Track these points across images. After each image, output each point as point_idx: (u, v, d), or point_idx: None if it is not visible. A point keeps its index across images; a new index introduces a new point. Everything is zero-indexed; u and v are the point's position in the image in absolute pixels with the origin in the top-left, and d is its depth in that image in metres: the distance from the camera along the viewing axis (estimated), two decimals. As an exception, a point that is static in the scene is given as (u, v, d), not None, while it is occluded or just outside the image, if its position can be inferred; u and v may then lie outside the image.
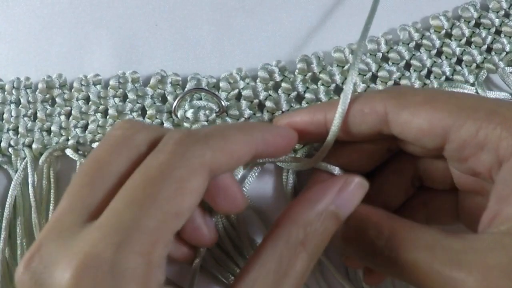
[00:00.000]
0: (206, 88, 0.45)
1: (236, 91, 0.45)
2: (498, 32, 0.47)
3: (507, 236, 0.29)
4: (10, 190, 0.44)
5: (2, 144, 0.45)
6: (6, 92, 0.46)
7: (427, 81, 0.45)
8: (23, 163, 0.45)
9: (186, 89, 0.45)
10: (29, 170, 0.44)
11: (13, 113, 0.46)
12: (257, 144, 0.34)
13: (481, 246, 0.29)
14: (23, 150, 0.45)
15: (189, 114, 0.43)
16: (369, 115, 0.35)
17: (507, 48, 0.46)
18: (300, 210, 0.33)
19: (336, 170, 0.39)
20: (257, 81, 0.45)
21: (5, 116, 0.46)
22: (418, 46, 0.46)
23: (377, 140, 0.38)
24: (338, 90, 0.45)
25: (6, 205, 0.43)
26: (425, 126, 0.33)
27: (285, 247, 0.32)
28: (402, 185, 0.40)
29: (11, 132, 0.46)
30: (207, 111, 0.44)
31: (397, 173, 0.40)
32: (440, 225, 0.40)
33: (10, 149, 0.46)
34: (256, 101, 0.45)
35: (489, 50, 0.46)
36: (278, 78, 0.45)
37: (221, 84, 0.45)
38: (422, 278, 0.31)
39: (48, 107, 0.46)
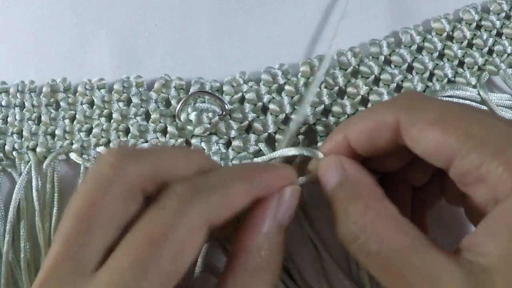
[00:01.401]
0: (209, 91, 0.45)
1: (240, 94, 0.45)
2: (499, 34, 0.47)
3: (480, 273, 0.30)
4: (14, 193, 0.44)
5: (6, 147, 0.46)
6: (10, 96, 0.47)
7: (429, 84, 0.45)
8: (27, 166, 0.45)
9: (189, 93, 0.45)
10: (33, 174, 0.44)
11: (17, 117, 0.46)
12: (257, 191, 0.35)
13: (450, 274, 0.30)
14: (27, 153, 0.45)
15: (192, 116, 0.44)
16: (383, 129, 0.35)
17: (509, 50, 0.46)
18: (249, 237, 0.34)
19: (319, 154, 0.39)
20: (261, 84, 0.45)
21: (9, 119, 0.46)
22: (420, 49, 0.46)
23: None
24: (341, 93, 0.45)
25: (10, 208, 0.44)
26: (432, 148, 0.33)
27: (246, 275, 0.33)
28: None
29: (15, 136, 0.46)
30: (210, 114, 0.44)
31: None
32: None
33: (14, 153, 0.46)
34: (259, 104, 0.45)
35: (490, 52, 0.47)
36: (281, 81, 0.45)
37: (224, 88, 0.45)
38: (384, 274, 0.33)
39: (52, 111, 0.46)
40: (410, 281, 0.31)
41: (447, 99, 0.44)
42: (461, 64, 0.46)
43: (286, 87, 0.45)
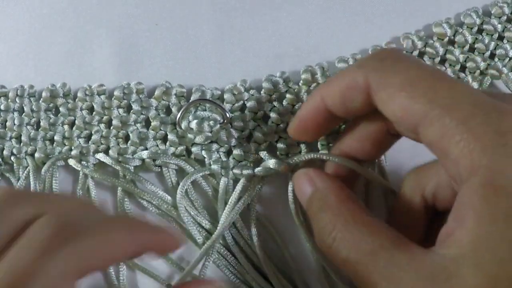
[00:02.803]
0: (210, 99, 0.45)
1: (241, 102, 0.45)
2: (501, 38, 0.47)
3: (450, 267, 0.28)
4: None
5: (5, 152, 0.45)
6: (9, 100, 0.46)
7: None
8: (25, 172, 0.45)
9: (190, 100, 0.45)
10: (31, 179, 0.44)
11: (16, 121, 0.46)
12: (144, 244, 0.33)
13: (415, 274, 0.30)
14: (25, 159, 0.45)
15: (193, 125, 0.43)
16: (355, 90, 0.35)
17: (511, 54, 0.46)
18: None
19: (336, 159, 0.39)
20: (262, 92, 0.45)
21: (8, 124, 0.46)
22: (421, 54, 0.46)
23: (372, 122, 0.38)
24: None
25: (8, 213, 0.43)
26: (399, 113, 0.32)
27: None
28: None
29: (13, 141, 0.46)
30: (211, 122, 0.43)
31: None
32: None
33: (12, 158, 0.45)
34: (260, 112, 0.45)
35: (492, 56, 0.46)
36: (282, 89, 0.45)
37: (225, 96, 0.45)
38: (356, 279, 0.33)
39: (51, 116, 0.46)
40: (377, 284, 0.31)
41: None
42: (463, 68, 0.46)
43: (288, 95, 0.45)
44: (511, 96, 0.36)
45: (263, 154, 0.43)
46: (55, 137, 0.45)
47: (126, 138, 0.45)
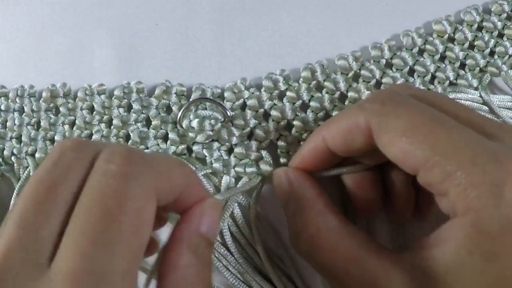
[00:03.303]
0: (211, 98, 0.45)
1: (241, 100, 0.45)
2: (500, 35, 0.47)
3: (423, 277, 0.31)
4: (13, 199, 0.44)
5: (5, 152, 0.45)
6: (9, 100, 0.46)
7: (431, 86, 0.45)
8: (26, 172, 0.45)
9: (191, 99, 0.45)
10: (32, 179, 0.44)
11: (16, 121, 0.46)
12: (189, 181, 0.34)
13: (389, 280, 0.32)
14: (26, 159, 0.45)
15: (194, 124, 0.43)
16: (356, 132, 0.35)
17: (510, 51, 0.46)
18: (176, 254, 0.33)
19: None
20: (262, 90, 0.45)
21: (8, 124, 0.46)
22: (421, 52, 0.46)
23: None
24: (343, 98, 0.45)
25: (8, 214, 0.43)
26: (400, 156, 0.33)
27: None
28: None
29: (14, 141, 0.46)
30: (212, 121, 0.43)
31: None
32: None
33: (13, 158, 0.45)
34: (261, 110, 0.45)
35: (492, 53, 0.46)
36: (282, 87, 0.45)
37: (225, 94, 0.45)
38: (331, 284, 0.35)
39: (52, 116, 0.46)
40: None
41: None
42: (462, 66, 0.46)
43: (288, 93, 0.45)
44: (507, 127, 0.37)
45: (264, 152, 0.44)
46: (56, 137, 0.45)
47: (127, 138, 0.45)
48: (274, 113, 0.44)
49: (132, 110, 0.45)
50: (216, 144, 0.44)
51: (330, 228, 0.35)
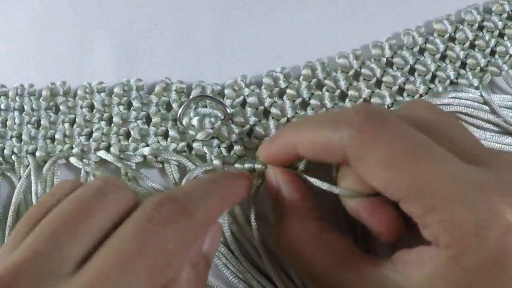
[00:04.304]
0: (211, 95, 0.44)
1: (241, 98, 0.45)
2: (501, 35, 0.47)
3: None
4: (13, 198, 0.43)
5: (5, 151, 0.45)
6: (9, 99, 0.46)
7: (432, 86, 0.45)
8: (27, 171, 0.44)
9: (191, 96, 0.45)
10: (33, 178, 0.44)
11: (16, 120, 0.46)
12: (230, 202, 0.37)
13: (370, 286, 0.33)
14: (26, 157, 0.45)
15: (195, 121, 0.43)
16: (331, 153, 0.34)
17: (511, 51, 0.46)
18: None
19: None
20: (262, 88, 0.45)
21: (8, 123, 0.46)
22: (422, 51, 0.46)
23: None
24: (343, 96, 0.45)
25: (9, 213, 0.43)
26: (380, 188, 0.32)
27: None
28: None
29: (14, 139, 0.45)
30: (212, 119, 0.43)
31: None
32: None
33: (13, 157, 0.45)
34: (261, 108, 0.45)
35: (492, 53, 0.47)
36: (283, 84, 0.45)
37: (226, 92, 0.45)
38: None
39: (52, 114, 0.46)
40: None
41: (449, 100, 0.44)
42: (463, 65, 0.46)
43: (288, 90, 0.45)
44: (495, 152, 0.36)
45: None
46: (56, 136, 0.45)
47: (127, 135, 0.45)
48: (274, 110, 0.44)
49: (132, 108, 0.45)
50: (216, 141, 0.44)
51: (308, 235, 0.36)
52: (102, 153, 0.44)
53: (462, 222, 0.29)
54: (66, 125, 0.45)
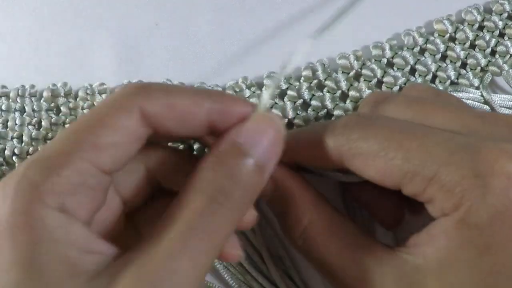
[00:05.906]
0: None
1: (242, 99, 0.45)
2: (501, 35, 0.47)
3: (414, 274, 0.31)
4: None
5: (6, 152, 0.45)
6: (10, 100, 0.46)
7: (432, 86, 0.45)
8: (28, 171, 0.44)
9: (191, 98, 0.45)
10: (34, 179, 0.44)
11: (17, 121, 0.46)
12: (210, 107, 0.32)
13: (381, 275, 0.32)
14: (27, 158, 0.45)
15: (195, 123, 0.43)
16: (326, 160, 0.35)
17: (511, 51, 0.46)
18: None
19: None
20: (263, 89, 0.45)
21: (9, 124, 0.46)
22: (422, 51, 0.46)
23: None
24: (344, 96, 0.45)
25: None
26: (377, 178, 0.33)
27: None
28: None
29: (15, 140, 0.45)
30: (213, 120, 0.43)
31: None
32: None
33: (14, 158, 0.45)
34: (262, 109, 0.44)
35: (493, 53, 0.46)
36: (283, 86, 0.45)
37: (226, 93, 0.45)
38: (332, 280, 0.35)
39: (53, 115, 0.46)
40: (346, 284, 0.33)
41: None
42: (463, 65, 0.46)
43: (289, 92, 0.45)
44: (502, 117, 0.36)
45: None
46: (57, 137, 0.45)
47: (128, 136, 0.45)
48: (275, 112, 0.44)
49: (133, 109, 0.45)
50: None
51: (322, 218, 0.35)
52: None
53: (459, 179, 0.30)
54: (68, 126, 0.45)
